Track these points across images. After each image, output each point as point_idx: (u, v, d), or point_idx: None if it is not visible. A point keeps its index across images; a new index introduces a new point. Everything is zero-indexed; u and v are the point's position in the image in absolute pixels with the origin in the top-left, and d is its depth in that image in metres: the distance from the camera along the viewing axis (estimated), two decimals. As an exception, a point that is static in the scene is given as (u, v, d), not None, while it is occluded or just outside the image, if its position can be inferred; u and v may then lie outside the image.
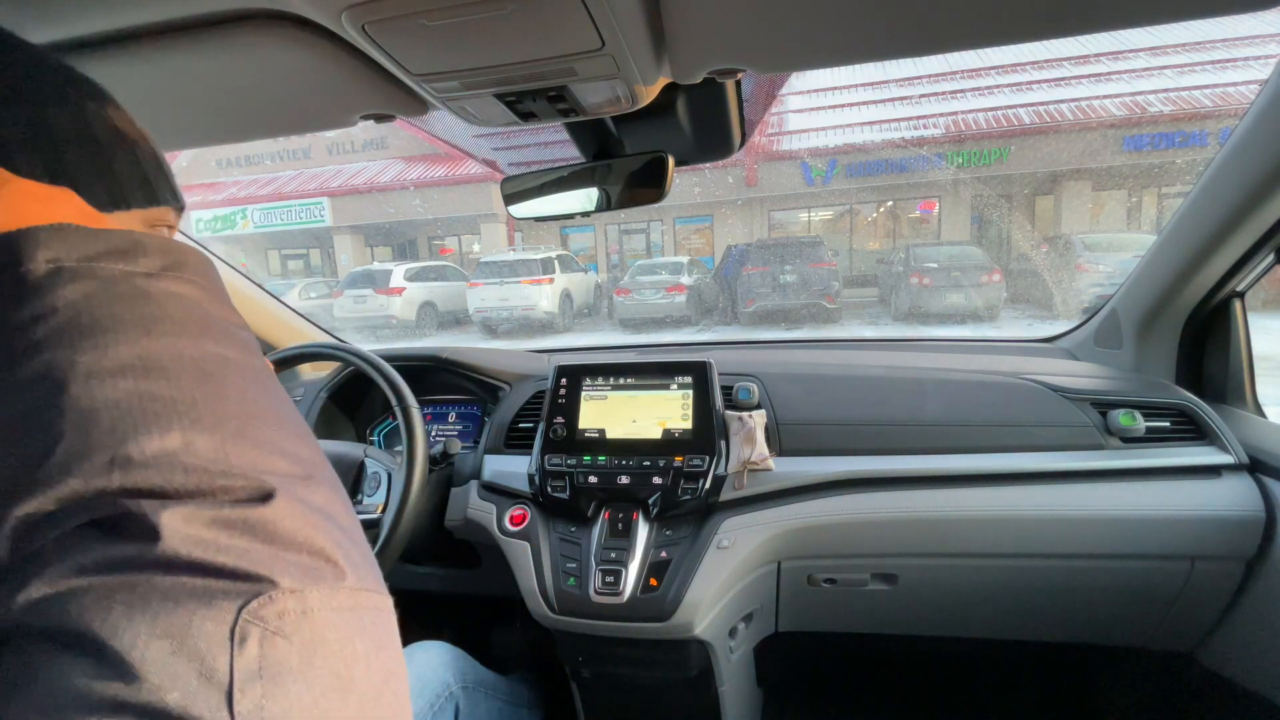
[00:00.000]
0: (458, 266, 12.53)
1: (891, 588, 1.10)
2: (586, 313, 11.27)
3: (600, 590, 0.99)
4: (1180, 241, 1.04)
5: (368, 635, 0.28)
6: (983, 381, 1.15)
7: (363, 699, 0.26)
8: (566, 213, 0.91)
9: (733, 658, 1.12)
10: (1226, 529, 0.97)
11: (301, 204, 14.88)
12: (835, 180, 12.32)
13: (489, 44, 0.53)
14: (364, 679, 0.27)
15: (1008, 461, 1.04)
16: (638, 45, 0.55)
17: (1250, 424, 1.06)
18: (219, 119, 0.73)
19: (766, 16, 0.52)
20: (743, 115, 0.84)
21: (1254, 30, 10.84)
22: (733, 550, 1.00)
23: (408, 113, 0.69)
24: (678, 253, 13.83)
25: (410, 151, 15.21)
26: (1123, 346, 1.24)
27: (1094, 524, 1.00)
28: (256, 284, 1.48)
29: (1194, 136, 10.39)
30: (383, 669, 0.28)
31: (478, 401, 1.45)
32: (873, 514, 1.04)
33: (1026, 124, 11.24)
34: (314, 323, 1.62)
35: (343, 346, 1.10)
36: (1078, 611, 1.12)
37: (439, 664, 0.94)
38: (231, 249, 15.47)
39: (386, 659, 0.28)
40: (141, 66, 0.59)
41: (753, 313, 9.23)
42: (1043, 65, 12.45)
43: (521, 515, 1.11)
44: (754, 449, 1.06)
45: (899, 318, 8.87)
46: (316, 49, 0.56)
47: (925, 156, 12.01)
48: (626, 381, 1.16)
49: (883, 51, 0.60)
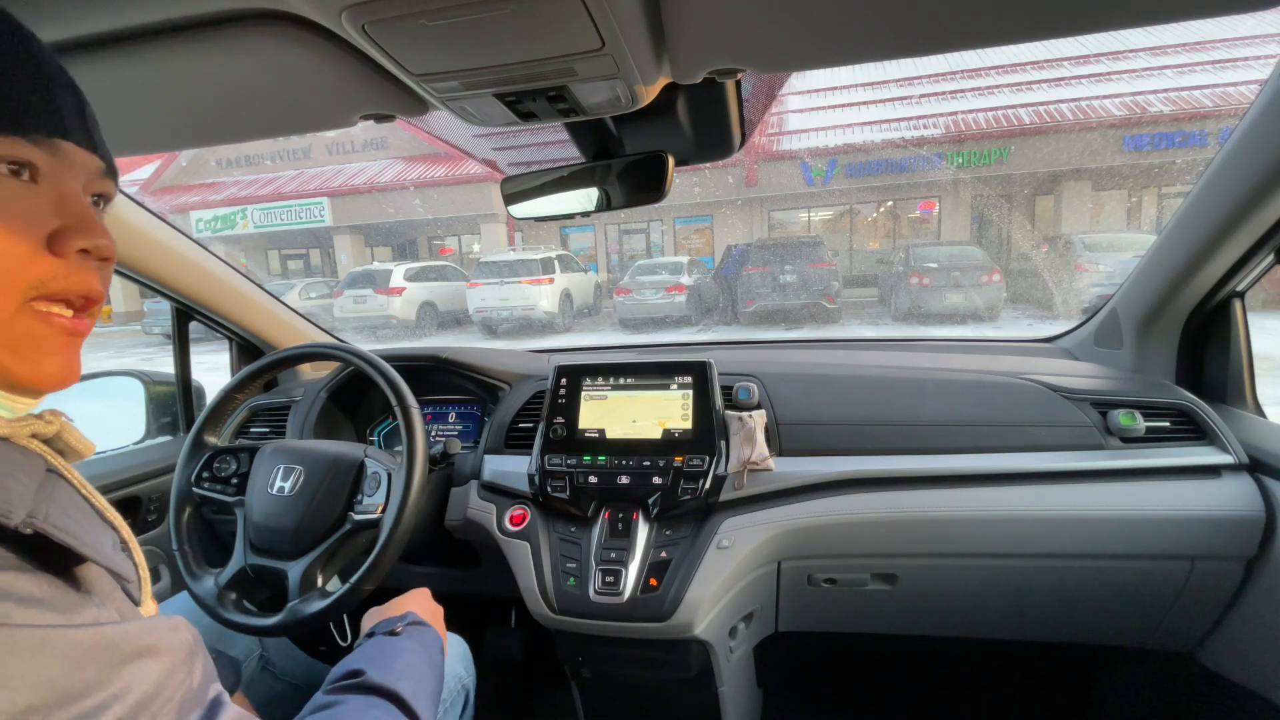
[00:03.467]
0: (458, 266, 12.53)
1: (891, 588, 1.10)
2: (586, 313, 11.26)
3: (600, 590, 0.99)
4: (1180, 241, 1.04)
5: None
6: (983, 381, 1.15)
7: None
8: (566, 213, 0.91)
9: (733, 658, 1.12)
10: (1226, 529, 0.97)
11: (301, 204, 14.89)
12: (835, 180, 12.32)
13: (489, 44, 0.53)
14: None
15: (1008, 461, 1.04)
16: (638, 45, 0.55)
17: (1250, 424, 1.06)
18: (219, 119, 0.73)
19: (766, 16, 0.52)
20: (743, 115, 0.84)
21: (1254, 30, 10.85)
22: (733, 550, 1.00)
23: (408, 113, 0.69)
24: (678, 253, 13.84)
25: (410, 151, 15.21)
26: (1123, 346, 1.24)
27: (1094, 524, 1.00)
28: (256, 284, 1.48)
29: (1194, 136, 10.39)
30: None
31: (478, 401, 1.44)
32: (873, 514, 1.04)
33: (1026, 124, 11.24)
34: (314, 323, 1.62)
35: (342, 346, 1.10)
36: (1078, 611, 1.12)
37: (452, 655, 0.93)
38: (231, 249, 15.49)
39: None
40: (142, 66, 0.59)
41: (753, 313, 9.23)
42: (1043, 65, 12.45)
43: (521, 515, 1.11)
44: (754, 449, 1.06)
45: (899, 318, 8.87)
46: (316, 49, 0.56)
47: (925, 156, 12.01)
48: (626, 381, 1.16)
49: (883, 51, 0.60)
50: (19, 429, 0.38)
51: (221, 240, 15.20)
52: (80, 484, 0.41)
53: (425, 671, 0.66)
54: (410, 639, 0.70)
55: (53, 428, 0.40)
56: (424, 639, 0.72)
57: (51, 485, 0.38)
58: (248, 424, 1.45)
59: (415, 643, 0.70)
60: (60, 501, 0.38)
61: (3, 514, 0.33)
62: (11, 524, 0.33)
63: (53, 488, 0.38)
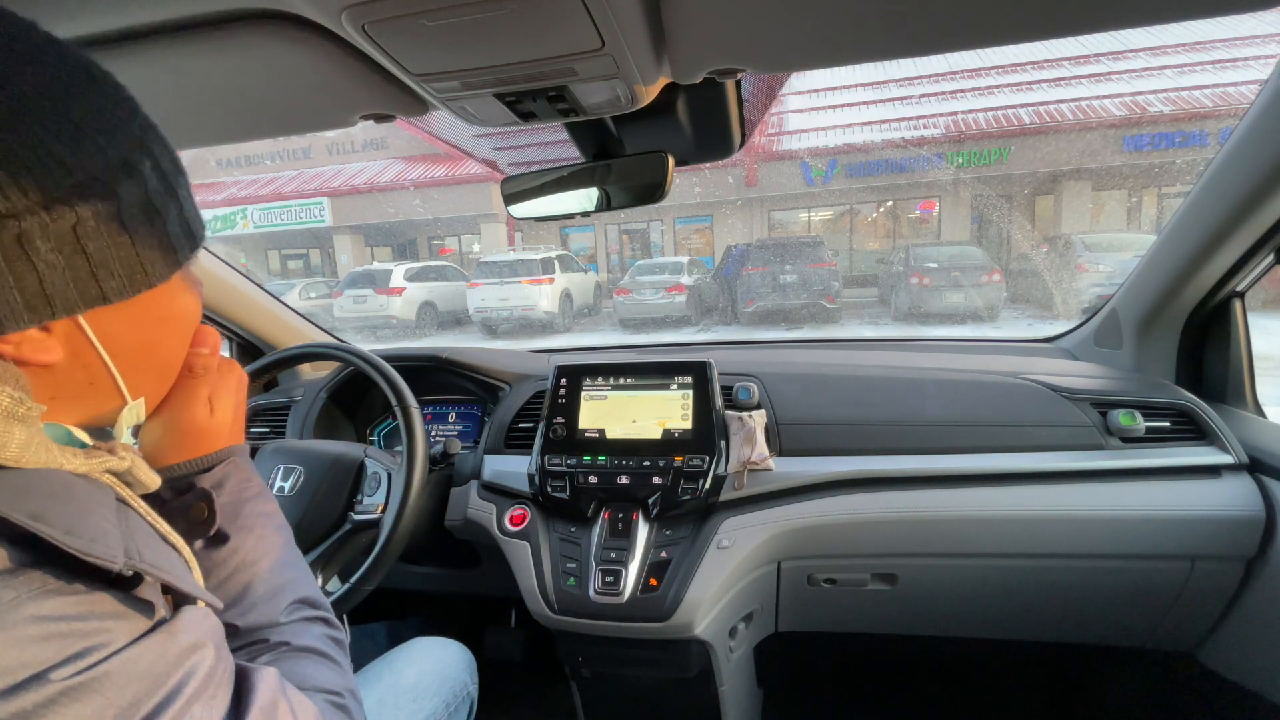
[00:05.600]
0: (458, 266, 12.53)
1: (891, 588, 1.10)
2: (586, 313, 11.26)
3: (600, 590, 0.99)
4: (1180, 241, 1.04)
5: None
6: (983, 381, 1.15)
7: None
8: (566, 213, 0.91)
9: (733, 658, 1.12)
10: (1226, 529, 0.97)
11: (301, 204, 14.88)
12: (835, 180, 12.32)
13: (489, 44, 0.53)
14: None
15: (1008, 461, 1.04)
16: (638, 45, 0.55)
17: (1250, 424, 1.06)
18: (219, 119, 0.73)
19: (766, 16, 0.52)
20: (743, 115, 0.84)
21: (1254, 30, 10.84)
22: (733, 550, 1.00)
23: (408, 113, 0.69)
24: (678, 253, 13.83)
25: (410, 151, 15.21)
26: (1123, 346, 1.24)
27: (1094, 524, 1.00)
28: (256, 284, 1.48)
29: (1194, 136, 10.39)
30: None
31: (478, 401, 1.44)
32: (873, 514, 1.03)
33: (1026, 124, 11.24)
34: (314, 323, 1.62)
35: (342, 346, 1.10)
36: (1078, 611, 1.12)
37: (457, 663, 0.94)
38: (231, 249, 15.48)
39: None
40: (142, 66, 0.59)
41: (753, 313, 9.23)
42: (1043, 65, 12.45)
43: (521, 515, 1.11)
44: (754, 449, 1.06)
45: (899, 318, 8.87)
46: (316, 49, 0.56)
47: (925, 156, 12.01)
48: (626, 381, 1.16)
49: (883, 51, 0.60)
50: (95, 465, 0.40)
51: (221, 240, 15.19)
52: (146, 512, 0.43)
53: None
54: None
55: (125, 463, 0.42)
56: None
57: (124, 517, 0.40)
58: (248, 424, 1.44)
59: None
60: (138, 534, 0.40)
61: (106, 560, 0.35)
62: (115, 569, 0.35)
63: (126, 520, 0.40)
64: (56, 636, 0.32)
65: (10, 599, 0.31)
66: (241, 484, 0.55)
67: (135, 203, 0.37)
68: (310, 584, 0.57)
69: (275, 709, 0.40)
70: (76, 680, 0.31)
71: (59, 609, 0.32)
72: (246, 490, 0.55)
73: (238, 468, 0.55)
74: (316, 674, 0.50)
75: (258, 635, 0.51)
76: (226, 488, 0.54)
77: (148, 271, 0.38)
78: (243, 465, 0.56)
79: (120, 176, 0.36)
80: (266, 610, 0.52)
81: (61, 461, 0.37)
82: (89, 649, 0.32)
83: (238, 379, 0.57)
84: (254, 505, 0.55)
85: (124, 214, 0.36)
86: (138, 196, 0.37)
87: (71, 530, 0.34)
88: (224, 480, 0.54)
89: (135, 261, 0.37)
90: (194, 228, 0.43)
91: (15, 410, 0.35)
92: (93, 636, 0.33)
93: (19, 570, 0.32)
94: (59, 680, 0.30)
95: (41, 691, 0.30)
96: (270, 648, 0.51)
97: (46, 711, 0.30)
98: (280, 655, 0.50)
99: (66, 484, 0.37)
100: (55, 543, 0.33)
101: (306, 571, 0.58)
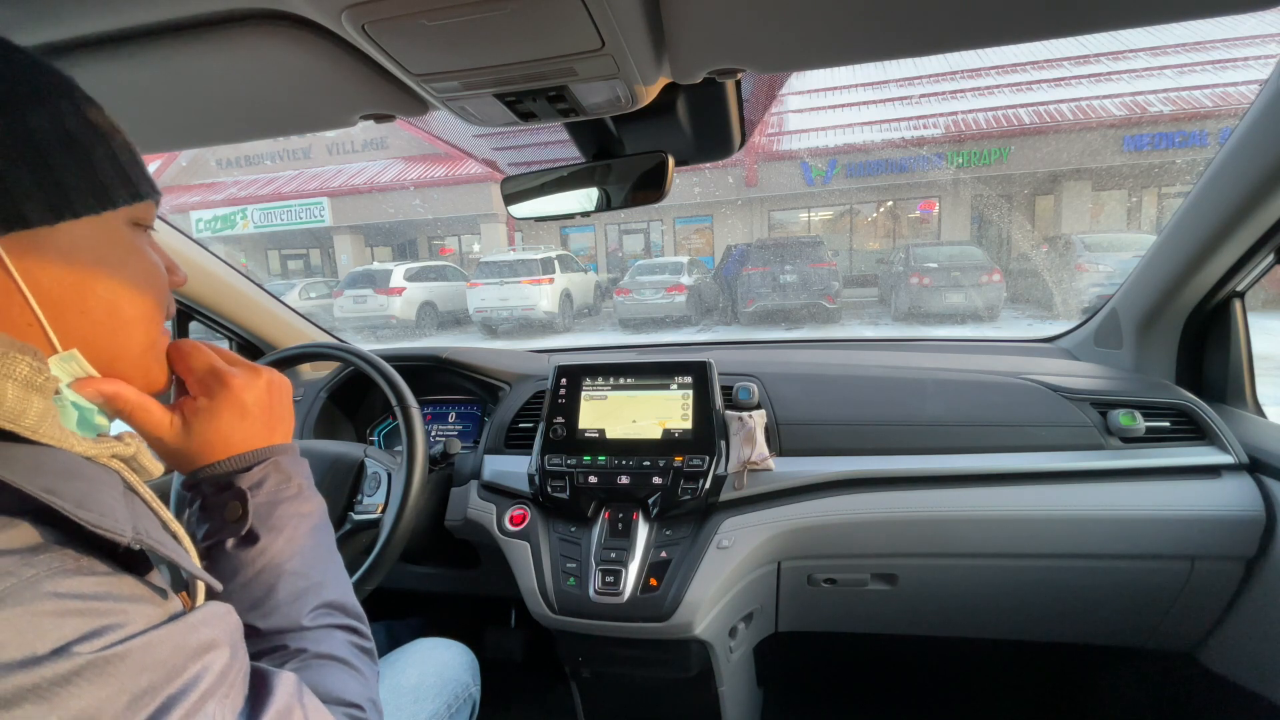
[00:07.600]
0: (458, 266, 12.53)
1: (891, 588, 1.10)
2: (586, 312, 11.26)
3: (600, 590, 0.99)
4: (1180, 242, 1.04)
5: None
6: (982, 381, 1.15)
7: None
8: (566, 213, 0.91)
9: (733, 658, 1.12)
10: (1226, 529, 0.97)
11: (301, 204, 14.88)
12: (835, 180, 12.32)
13: (489, 44, 0.53)
14: None
15: (1008, 461, 1.04)
16: (638, 45, 0.55)
17: (1250, 424, 1.06)
18: (220, 119, 0.73)
19: (766, 16, 0.52)
20: (743, 115, 0.84)
21: (1254, 30, 10.84)
22: (733, 550, 1.00)
23: (408, 113, 0.69)
24: (678, 253, 13.83)
25: (410, 151, 15.21)
26: (1123, 346, 1.24)
27: (1094, 524, 1.00)
28: (257, 284, 1.48)
29: (1194, 136, 10.39)
30: None
31: (478, 401, 1.44)
32: (873, 514, 1.03)
33: (1026, 124, 11.24)
34: (314, 323, 1.62)
35: (342, 346, 1.10)
36: (1078, 611, 1.12)
37: (459, 665, 0.94)
38: (231, 249, 15.48)
39: None
40: (142, 66, 0.59)
41: (753, 313, 9.23)
42: (1043, 65, 12.45)
43: (521, 515, 1.11)
44: (754, 449, 1.06)
45: (899, 318, 8.87)
46: (316, 49, 0.56)
47: (925, 156, 12.01)
48: (626, 381, 1.16)
49: (883, 51, 0.60)
50: (102, 450, 0.40)
51: (221, 240, 15.19)
52: (150, 499, 0.44)
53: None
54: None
55: (130, 449, 0.43)
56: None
57: (130, 501, 0.40)
58: None
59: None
60: (143, 518, 0.41)
61: (116, 532, 0.36)
62: (124, 541, 0.36)
63: (132, 504, 0.40)
64: (75, 614, 0.32)
65: (30, 575, 0.31)
66: (280, 484, 0.55)
67: (49, 130, 0.38)
68: (342, 588, 0.56)
69: (290, 715, 0.40)
70: (99, 655, 0.31)
71: (78, 587, 0.33)
72: (284, 491, 0.55)
73: (278, 468, 0.55)
74: (336, 683, 0.49)
75: (279, 640, 0.51)
76: (264, 488, 0.54)
77: (71, 199, 0.38)
78: (285, 466, 0.56)
79: (29, 104, 0.37)
80: (289, 613, 0.51)
81: (72, 443, 0.38)
82: (109, 626, 0.33)
83: (266, 382, 0.56)
84: (289, 506, 0.55)
85: (37, 138, 0.37)
86: (52, 126, 0.38)
87: (82, 504, 0.35)
88: (263, 480, 0.54)
89: (55, 187, 0.38)
90: (133, 177, 0.43)
91: (34, 380, 0.37)
92: (111, 615, 0.33)
93: (40, 549, 0.33)
94: (84, 654, 0.30)
95: (66, 664, 0.30)
96: (290, 655, 0.50)
97: (65, 685, 0.30)
98: (302, 664, 0.50)
99: (76, 464, 0.38)
100: (67, 514, 0.34)
101: (340, 575, 0.57)
